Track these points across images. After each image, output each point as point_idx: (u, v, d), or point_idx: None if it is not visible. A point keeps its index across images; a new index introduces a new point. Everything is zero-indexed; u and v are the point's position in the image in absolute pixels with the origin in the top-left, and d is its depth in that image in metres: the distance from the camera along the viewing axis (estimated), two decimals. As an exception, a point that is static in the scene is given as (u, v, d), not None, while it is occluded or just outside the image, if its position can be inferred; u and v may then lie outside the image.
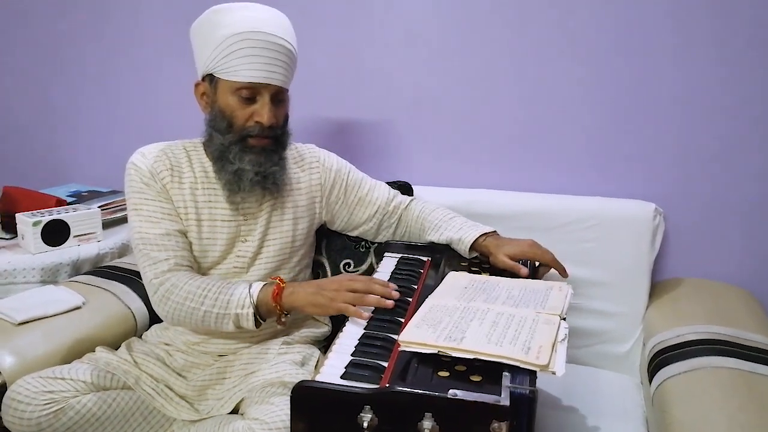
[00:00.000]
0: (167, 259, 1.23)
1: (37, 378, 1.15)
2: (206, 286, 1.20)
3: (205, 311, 1.19)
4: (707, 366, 1.18)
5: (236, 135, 1.24)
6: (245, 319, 1.18)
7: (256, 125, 1.24)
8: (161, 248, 1.24)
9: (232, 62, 1.20)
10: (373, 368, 0.92)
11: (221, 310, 1.19)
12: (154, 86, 2.05)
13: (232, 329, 1.21)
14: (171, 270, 1.23)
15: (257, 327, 1.20)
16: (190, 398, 1.27)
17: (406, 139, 1.79)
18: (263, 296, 1.19)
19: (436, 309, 1.03)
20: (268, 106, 1.23)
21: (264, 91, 1.23)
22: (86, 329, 1.38)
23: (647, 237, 1.50)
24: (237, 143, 1.25)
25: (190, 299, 1.20)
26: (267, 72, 1.21)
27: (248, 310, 1.18)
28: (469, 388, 0.82)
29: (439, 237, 1.38)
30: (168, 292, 1.21)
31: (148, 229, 1.25)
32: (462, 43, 1.68)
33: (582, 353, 1.56)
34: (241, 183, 1.26)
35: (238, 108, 1.23)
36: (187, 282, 1.21)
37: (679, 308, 1.44)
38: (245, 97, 1.23)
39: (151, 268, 1.23)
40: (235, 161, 1.25)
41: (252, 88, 1.22)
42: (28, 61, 2.20)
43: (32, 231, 1.66)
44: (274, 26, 1.22)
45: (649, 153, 1.58)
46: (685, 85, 1.53)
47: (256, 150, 1.25)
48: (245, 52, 1.20)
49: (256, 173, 1.25)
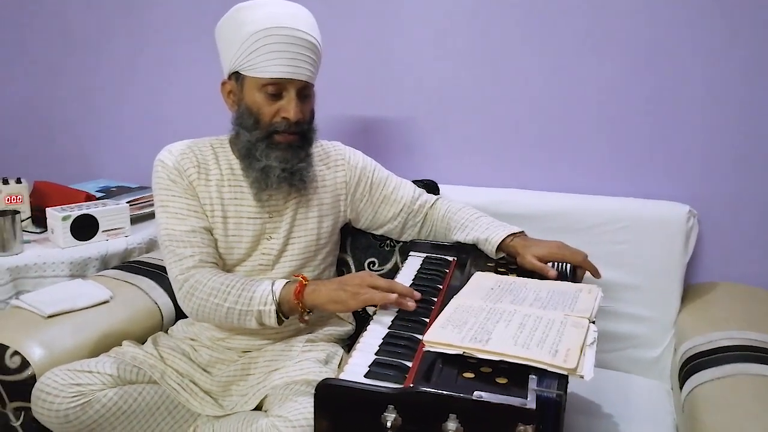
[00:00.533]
0: (192, 255, 1.25)
1: (65, 371, 1.17)
2: (229, 283, 1.22)
3: (228, 308, 1.21)
4: (741, 373, 1.15)
5: (263, 132, 1.25)
6: (267, 317, 1.19)
7: (282, 121, 1.25)
8: (187, 245, 1.25)
9: (258, 59, 1.21)
10: (397, 368, 0.92)
11: (244, 307, 1.20)
12: (184, 83, 2.08)
13: (254, 326, 1.22)
14: (196, 267, 1.24)
15: (279, 324, 1.21)
16: (214, 394, 1.28)
17: (432, 137, 1.79)
18: (285, 294, 1.19)
19: (461, 309, 1.02)
20: (294, 102, 1.24)
21: (290, 87, 1.24)
22: (113, 323, 1.40)
23: (680, 239, 1.47)
24: (264, 140, 1.26)
25: (213, 295, 1.21)
26: (292, 67, 1.22)
27: (270, 307, 1.18)
28: (495, 390, 0.81)
29: (465, 237, 1.38)
30: (192, 289, 1.23)
31: (175, 225, 1.27)
32: (490, 40, 1.67)
33: (611, 357, 1.54)
34: (268, 180, 1.27)
35: (264, 104, 1.24)
36: (211, 278, 1.22)
37: (712, 313, 1.42)
38: (271, 93, 1.24)
39: (177, 265, 1.25)
40: (262, 158, 1.26)
41: (278, 83, 1.23)
42: (57, 55, 2.25)
43: (62, 225, 1.69)
44: (298, 21, 1.23)
45: (683, 153, 1.56)
46: (717, 82, 1.50)
47: (282, 146, 1.26)
48: (270, 48, 1.20)
49: (283, 170, 1.26)
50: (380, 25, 1.77)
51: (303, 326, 1.33)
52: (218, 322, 1.28)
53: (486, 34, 1.67)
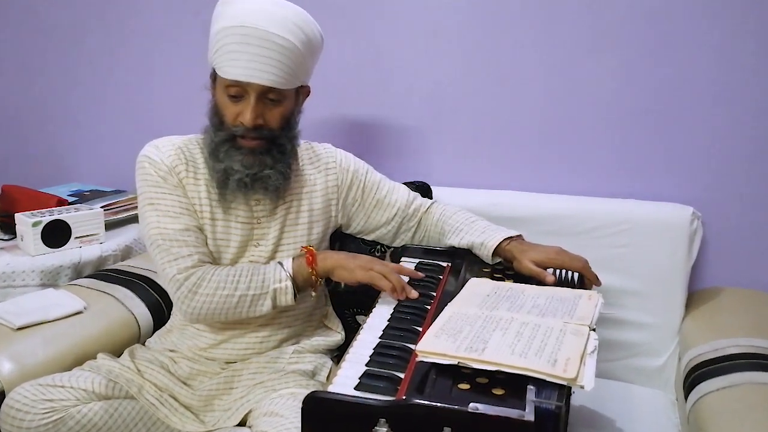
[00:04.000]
0: (190, 254, 1.25)
1: (36, 385, 1.17)
2: (236, 272, 1.25)
3: (240, 295, 1.23)
4: (748, 382, 1.16)
5: (226, 133, 1.26)
6: (283, 294, 1.24)
7: (240, 125, 1.25)
8: (182, 244, 1.25)
9: (221, 57, 1.22)
10: (388, 379, 0.93)
11: (257, 291, 1.23)
12: (160, 81, 2.07)
13: (267, 310, 1.25)
14: (195, 266, 1.25)
15: (294, 301, 1.26)
16: (195, 409, 1.28)
17: (425, 137, 1.79)
18: (298, 266, 1.27)
19: (456, 317, 1.03)
20: (251, 107, 1.23)
21: (250, 90, 1.22)
22: (87, 335, 1.40)
23: (684, 243, 1.49)
24: (227, 141, 1.26)
25: (222, 287, 1.23)
26: (251, 70, 1.20)
27: (287, 283, 1.24)
28: (491, 401, 0.81)
29: (459, 241, 1.38)
30: (195, 286, 1.23)
31: (168, 224, 1.26)
32: (486, 37, 1.68)
33: (613, 367, 1.55)
34: (227, 182, 1.27)
35: (228, 105, 1.25)
36: (214, 272, 1.24)
37: (718, 319, 1.43)
38: (232, 95, 1.24)
39: (173, 264, 1.24)
40: (224, 159, 1.26)
41: (238, 86, 1.22)
42: (28, 52, 2.23)
43: (32, 232, 1.68)
44: (270, 20, 1.19)
45: (685, 153, 1.57)
46: (722, 81, 1.51)
47: (245, 150, 1.26)
48: (230, 47, 1.20)
49: (246, 175, 1.26)
50: (371, 21, 1.78)
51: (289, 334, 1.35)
52: (224, 316, 1.27)
53: (482, 30, 1.68)
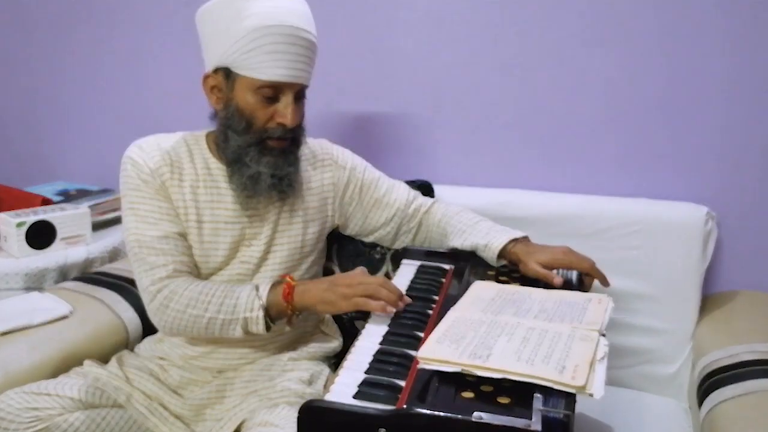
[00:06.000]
0: (165, 264, 1.24)
1: (20, 393, 1.16)
2: (209, 291, 1.22)
3: (210, 318, 1.21)
4: (764, 389, 1.16)
5: (255, 136, 1.24)
6: (254, 323, 1.20)
7: (278, 127, 1.24)
8: (159, 252, 1.25)
9: (255, 58, 1.19)
10: (388, 387, 0.92)
11: (227, 316, 1.20)
12: (149, 76, 2.07)
13: (239, 335, 1.22)
14: (170, 276, 1.24)
15: (267, 331, 1.22)
16: (186, 418, 1.28)
17: (427, 133, 1.79)
18: (273, 297, 1.21)
19: (459, 323, 1.03)
20: (291, 107, 1.23)
21: (288, 90, 1.22)
22: (74, 341, 1.39)
23: (698, 244, 1.48)
24: (255, 145, 1.25)
25: (192, 306, 1.21)
26: (293, 70, 1.21)
27: (258, 313, 1.20)
28: (497, 411, 0.81)
29: (463, 242, 1.38)
30: (167, 300, 1.22)
31: (145, 230, 1.26)
32: (492, 29, 1.68)
33: (624, 374, 1.55)
34: (257, 187, 1.26)
35: (258, 108, 1.23)
36: (187, 288, 1.22)
37: (733, 325, 1.43)
38: (267, 97, 1.22)
39: (148, 275, 1.24)
40: (252, 164, 1.25)
41: (275, 86, 1.22)
42: (12, 45, 2.24)
43: (16, 233, 1.68)
44: (300, 18, 1.21)
45: (699, 150, 1.57)
46: (737, 74, 1.51)
47: (274, 152, 1.26)
48: (270, 48, 1.18)
49: (272, 176, 1.25)
50: (372, 12, 1.78)
51: (285, 342, 1.34)
52: (197, 335, 1.27)
53: (487, 18, 1.68)
